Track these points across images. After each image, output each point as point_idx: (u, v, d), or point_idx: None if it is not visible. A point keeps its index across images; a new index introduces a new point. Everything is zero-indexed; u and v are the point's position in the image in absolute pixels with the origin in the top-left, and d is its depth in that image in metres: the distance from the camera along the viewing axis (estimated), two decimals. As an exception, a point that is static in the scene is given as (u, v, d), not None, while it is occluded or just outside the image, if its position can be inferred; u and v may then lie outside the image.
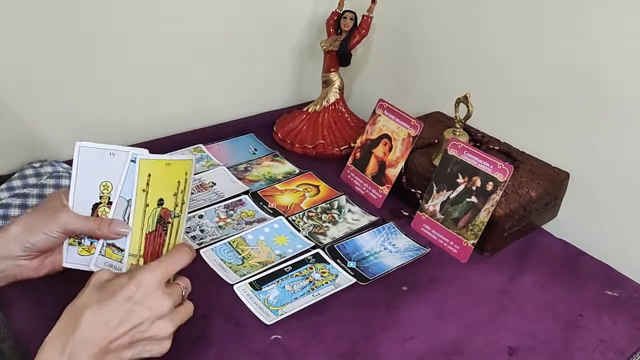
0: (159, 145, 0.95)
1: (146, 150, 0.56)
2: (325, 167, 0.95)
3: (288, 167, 0.95)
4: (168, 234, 0.57)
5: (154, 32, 0.92)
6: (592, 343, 0.64)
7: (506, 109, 0.91)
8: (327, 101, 1.01)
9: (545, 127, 0.86)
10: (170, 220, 0.57)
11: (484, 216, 0.74)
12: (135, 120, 0.97)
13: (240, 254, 0.74)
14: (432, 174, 0.80)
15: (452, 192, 0.78)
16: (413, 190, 0.84)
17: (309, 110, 1.03)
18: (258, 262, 0.73)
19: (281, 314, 0.65)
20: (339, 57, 0.97)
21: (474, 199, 0.75)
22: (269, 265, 0.72)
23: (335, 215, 0.83)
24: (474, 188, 0.75)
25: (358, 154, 0.91)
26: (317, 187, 0.90)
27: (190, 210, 0.81)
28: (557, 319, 0.67)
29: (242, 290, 0.68)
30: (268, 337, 0.62)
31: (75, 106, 0.89)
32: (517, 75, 0.87)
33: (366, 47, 1.14)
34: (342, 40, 0.95)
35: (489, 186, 0.74)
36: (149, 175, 0.55)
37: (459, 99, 0.80)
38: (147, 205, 0.55)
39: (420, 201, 0.82)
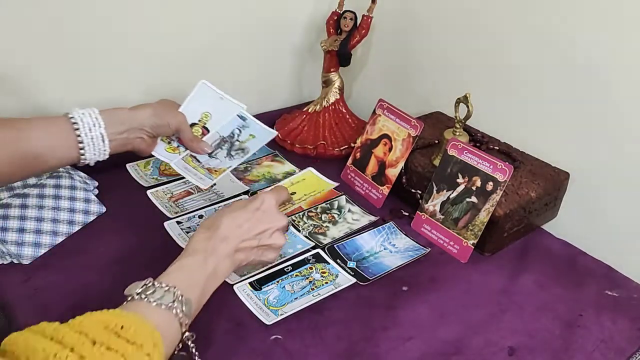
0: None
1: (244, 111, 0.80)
2: (325, 167, 0.95)
3: (288, 167, 0.95)
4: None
5: (154, 32, 0.92)
6: (592, 343, 0.64)
7: (506, 109, 0.91)
8: (327, 101, 1.01)
9: (545, 127, 0.86)
10: (286, 205, 0.74)
11: (484, 216, 0.74)
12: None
13: (240, 254, 0.74)
14: (432, 174, 0.80)
15: (452, 192, 0.78)
16: (413, 190, 0.84)
17: (309, 110, 1.03)
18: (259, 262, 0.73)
19: (281, 314, 0.65)
20: (339, 57, 0.97)
21: (474, 199, 0.75)
22: (270, 265, 0.72)
23: (335, 215, 0.83)
24: (474, 188, 0.75)
25: (358, 154, 0.91)
26: (317, 187, 0.90)
27: (190, 210, 0.81)
28: (557, 319, 0.67)
29: (242, 290, 0.68)
30: (268, 337, 0.62)
31: (74, 104, 0.89)
32: (517, 75, 0.87)
33: (366, 47, 1.14)
34: (342, 40, 0.95)
35: (489, 186, 0.74)
36: (304, 179, 0.80)
37: (459, 99, 0.80)
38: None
39: (420, 201, 0.82)
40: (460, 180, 0.77)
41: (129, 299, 0.51)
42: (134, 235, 0.76)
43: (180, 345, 0.53)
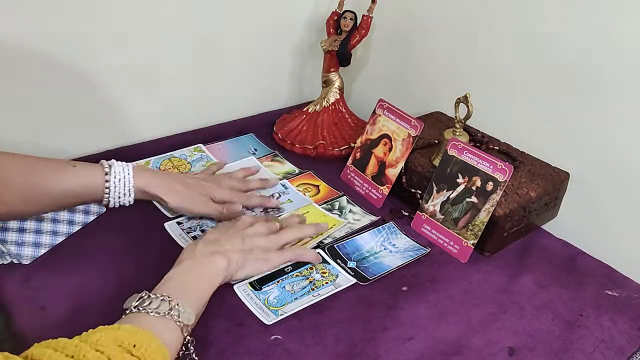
0: (160, 145, 0.95)
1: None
2: (325, 167, 0.95)
3: (288, 167, 0.95)
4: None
5: (154, 31, 0.92)
6: (592, 343, 0.64)
7: (506, 109, 0.91)
8: (327, 101, 1.01)
9: (545, 127, 0.86)
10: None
11: (484, 216, 0.74)
12: (135, 119, 0.97)
13: (240, 254, 0.74)
14: (432, 174, 0.80)
15: (452, 192, 0.78)
16: (413, 190, 0.84)
17: (309, 110, 1.03)
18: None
19: (281, 314, 0.65)
20: (339, 57, 0.97)
21: (474, 199, 0.75)
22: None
23: (337, 216, 0.83)
24: (474, 188, 0.75)
25: (358, 154, 0.91)
26: (317, 186, 0.90)
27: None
28: (557, 319, 0.67)
29: (242, 290, 0.68)
30: (268, 337, 0.62)
31: (75, 105, 0.89)
32: (517, 75, 0.87)
33: (366, 47, 1.14)
34: (342, 40, 0.95)
35: (489, 186, 0.74)
36: (308, 212, 0.83)
37: (459, 99, 0.80)
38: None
39: (420, 201, 0.82)
40: (460, 180, 0.77)
41: (127, 312, 0.54)
42: (134, 235, 0.76)
43: (184, 349, 0.55)
